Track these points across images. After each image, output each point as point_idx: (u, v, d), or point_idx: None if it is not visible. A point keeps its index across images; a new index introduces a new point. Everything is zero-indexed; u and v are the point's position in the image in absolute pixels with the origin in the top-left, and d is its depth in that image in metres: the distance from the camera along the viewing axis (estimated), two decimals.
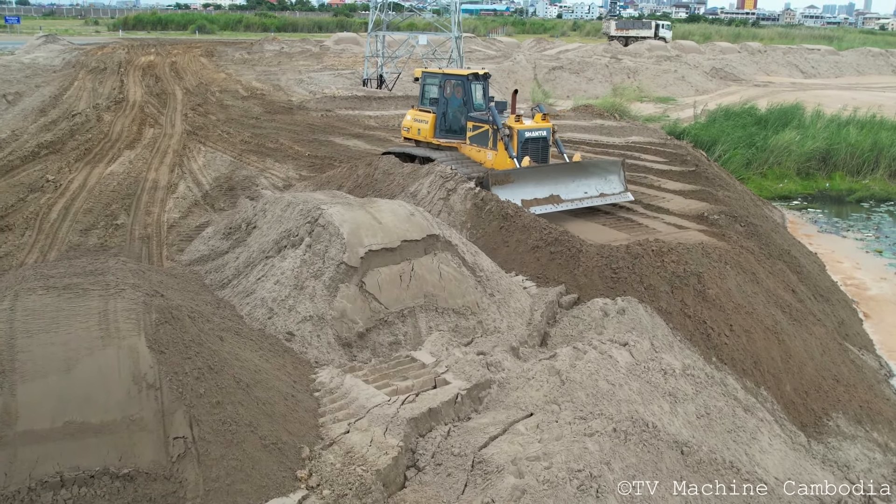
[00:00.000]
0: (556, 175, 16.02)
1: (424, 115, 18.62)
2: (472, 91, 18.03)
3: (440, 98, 18.39)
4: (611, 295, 11.38)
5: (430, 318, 9.73)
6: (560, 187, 15.84)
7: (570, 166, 16.51)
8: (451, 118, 18.24)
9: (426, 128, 18.42)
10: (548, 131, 17.16)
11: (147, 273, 9.79)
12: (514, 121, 16.75)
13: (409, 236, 10.18)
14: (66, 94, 32.65)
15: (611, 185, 16.69)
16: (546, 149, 17.12)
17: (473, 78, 18.18)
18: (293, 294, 9.53)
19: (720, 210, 16.34)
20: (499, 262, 12.31)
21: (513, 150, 16.34)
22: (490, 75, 19.13)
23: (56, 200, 16.35)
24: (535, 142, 16.82)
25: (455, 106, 18.24)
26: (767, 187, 27.74)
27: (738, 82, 54.89)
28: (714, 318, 11.45)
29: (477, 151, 17.44)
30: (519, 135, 16.48)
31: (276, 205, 12.10)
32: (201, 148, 22.05)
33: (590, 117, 30.01)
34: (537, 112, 17.79)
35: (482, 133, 17.28)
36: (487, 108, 17.39)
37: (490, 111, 16.95)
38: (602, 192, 16.46)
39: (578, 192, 16.11)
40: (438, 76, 18.75)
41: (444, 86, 18.33)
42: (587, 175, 16.45)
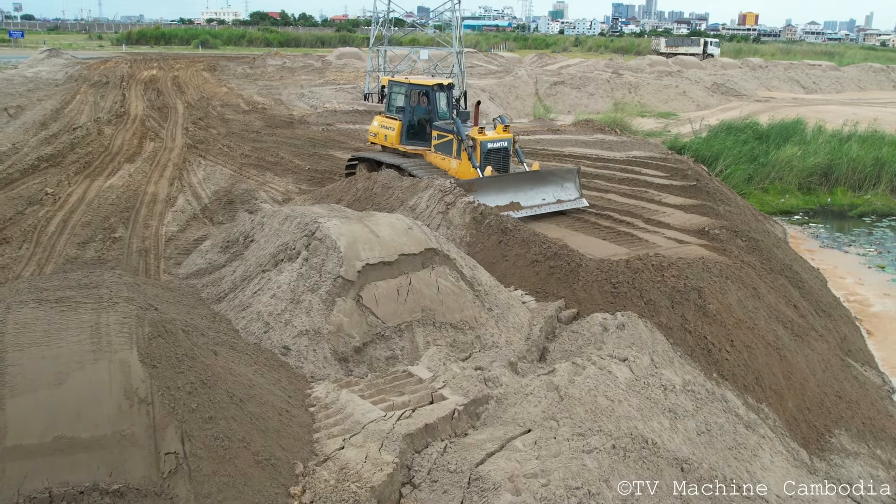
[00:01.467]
0: (516, 183, 16.75)
1: (391, 122, 19.33)
2: (436, 100, 18.80)
3: (406, 106, 19.07)
4: (610, 310, 11.28)
5: (428, 333, 9.64)
6: (520, 195, 16.53)
7: (528, 175, 17.28)
8: (417, 126, 18.97)
9: (393, 134, 19.15)
10: (509, 142, 18.05)
11: (142, 286, 9.71)
12: (478, 132, 17.53)
13: (406, 250, 10.11)
14: (67, 107, 32.68)
15: (567, 192, 17.40)
16: (507, 158, 17.97)
17: (438, 88, 18.93)
18: (289, 308, 9.45)
19: (721, 225, 16.25)
20: (498, 277, 12.22)
21: (476, 160, 17.13)
22: (454, 85, 19.84)
23: (54, 213, 16.30)
24: (496, 152, 17.62)
25: (420, 114, 18.98)
26: (769, 202, 27.68)
27: (740, 97, 54.94)
28: (715, 334, 11.34)
29: (441, 159, 18.21)
30: (482, 146, 17.27)
31: (273, 218, 12.04)
32: (201, 161, 22.02)
33: (590, 132, 30.00)
34: (499, 123, 18.47)
35: (447, 142, 18.05)
36: (451, 117, 18.19)
37: (455, 122, 17.70)
38: (559, 198, 17.16)
39: (537, 199, 16.82)
40: (404, 85, 19.36)
41: (409, 94, 19.01)
42: (545, 183, 17.17)
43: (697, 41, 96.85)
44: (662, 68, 64.07)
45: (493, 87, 46.57)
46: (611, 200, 18.01)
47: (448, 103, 19.16)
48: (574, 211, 16.90)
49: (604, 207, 17.28)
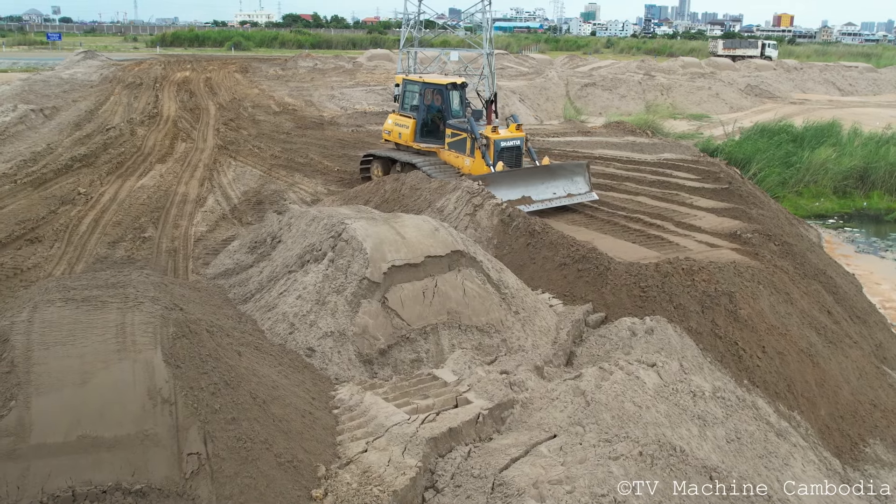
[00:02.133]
0: (527, 178, 17.26)
1: (405, 121, 19.73)
2: (450, 99, 19.17)
3: (420, 105, 19.42)
4: (639, 314, 11.12)
5: (453, 336, 9.56)
6: (531, 189, 17.01)
7: (539, 170, 17.82)
8: (431, 124, 19.34)
9: (407, 132, 19.52)
10: (521, 140, 18.45)
11: (169, 286, 9.74)
12: (491, 131, 17.97)
13: (432, 252, 10.04)
14: (101, 108, 33.07)
15: (577, 185, 17.82)
16: (519, 157, 18.39)
17: (452, 87, 19.32)
18: (315, 309, 9.43)
19: (754, 228, 16.00)
20: (525, 279, 12.11)
21: (489, 158, 17.60)
22: (467, 84, 20.29)
23: (86, 213, 16.46)
24: (509, 150, 18.11)
25: (434, 112, 19.38)
26: (803, 206, 27.26)
27: (774, 100, 54.18)
28: (746, 340, 11.14)
29: (455, 157, 18.63)
30: (495, 144, 17.72)
31: (301, 219, 12.04)
32: (231, 162, 22.15)
33: (621, 134, 29.75)
34: (511, 122, 18.90)
35: (460, 140, 18.44)
36: (465, 115, 18.69)
37: (468, 121, 18.15)
38: (569, 192, 17.58)
39: (548, 193, 17.23)
40: (419, 84, 19.73)
41: (424, 93, 19.38)
42: (555, 177, 17.61)
43: (755, 43, 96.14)
44: (695, 70, 63.42)
45: (523, 89, 46.38)
46: (641, 203, 17.82)
47: (461, 102, 19.45)
48: (604, 214, 16.74)
49: (634, 210, 17.09)
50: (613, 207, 17.41)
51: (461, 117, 18.95)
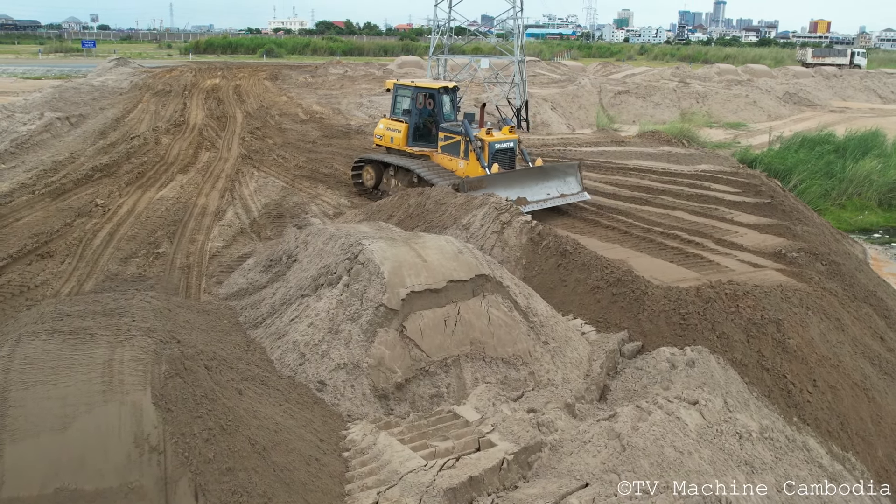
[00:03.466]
0: (522, 179, 17.59)
1: (397, 125, 19.73)
2: (442, 103, 19.36)
3: (412, 109, 19.49)
4: (679, 343, 10.29)
5: (477, 369, 8.82)
6: (526, 190, 17.33)
7: (533, 171, 18.11)
8: (423, 128, 19.47)
9: (399, 136, 19.56)
10: (514, 142, 18.68)
11: (173, 312, 9.12)
12: (486, 134, 18.19)
13: (455, 276, 9.31)
14: (128, 116, 32.83)
15: (569, 186, 18.19)
16: (513, 158, 18.61)
17: (444, 91, 19.52)
18: (327, 338, 8.74)
19: (799, 247, 15.07)
20: (555, 304, 11.34)
21: (484, 160, 17.79)
22: (458, 88, 20.38)
23: (102, 226, 15.98)
24: (504, 152, 18.29)
25: (426, 116, 19.51)
26: (846, 219, 26.18)
27: (813, 108, 52.82)
28: (795, 372, 10.27)
29: (449, 160, 18.71)
30: (490, 146, 17.90)
31: (318, 237, 11.40)
32: (254, 173, 21.61)
33: (657, 144, 28.82)
34: (504, 125, 19.27)
35: (454, 143, 18.57)
36: (457, 119, 18.98)
37: (463, 124, 18.32)
38: (562, 192, 17.96)
39: (542, 194, 17.59)
40: (410, 88, 19.86)
41: (416, 97, 19.51)
42: (548, 178, 17.96)
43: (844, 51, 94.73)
44: (731, 77, 62.12)
45: (555, 97, 45.57)
46: (679, 219, 16.94)
47: (453, 106, 19.67)
48: (640, 230, 15.89)
49: (671, 226, 16.22)
50: (649, 223, 16.56)
51: (453, 121, 19.19)
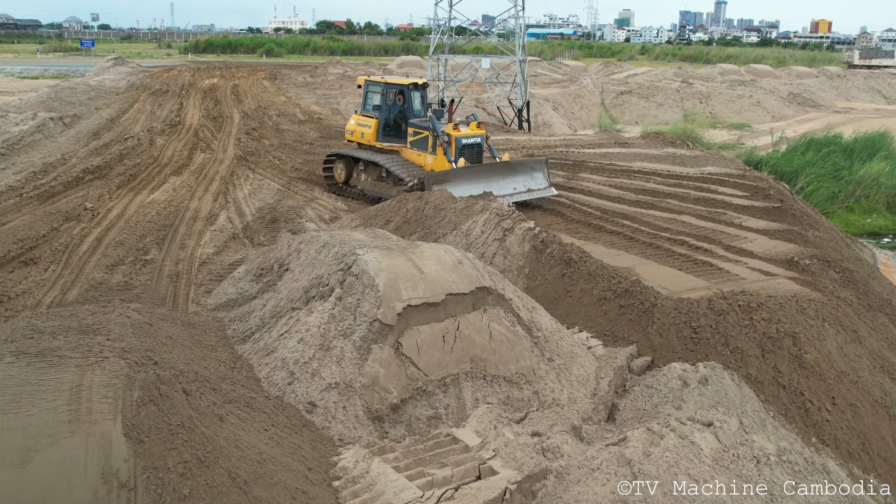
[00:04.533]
0: (488, 174, 17.85)
1: (367, 121, 20.11)
2: (412, 99, 19.63)
3: (382, 105, 19.90)
4: (691, 359, 9.76)
5: (477, 388, 8.29)
6: (492, 185, 17.32)
7: (500, 165, 18.40)
8: (393, 124, 19.78)
9: (369, 132, 19.93)
10: (482, 138, 18.98)
11: (155, 326, 8.58)
12: (452, 129, 18.41)
13: (455, 289, 8.78)
14: (123, 116, 32.27)
15: (536, 181, 18.50)
16: (480, 153, 18.94)
17: (413, 87, 19.86)
18: (318, 356, 8.21)
19: (811, 253, 14.53)
20: (560, 315, 10.80)
21: (451, 155, 18.07)
22: (428, 85, 20.85)
23: (90, 230, 15.44)
24: (470, 147, 18.58)
25: (396, 112, 19.78)
26: (854, 222, 25.66)
27: (817, 108, 52.29)
28: (813, 389, 9.74)
29: (417, 155, 19.07)
30: (457, 141, 18.19)
31: (311, 245, 10.87)
32: (249, 175, 21.07)
33: (661, 145, 28.27)
34: (472, 120, 19.53)
35: (422, 138, 18.92)
36: (426, 115, 19.29)
37: (430, 120, 18.68)
38: (529, 187, 18.25)
39: (508, 189, 17.76)
40: (381, 84, 20.29)
41: (386, 93, 19.88)
42: (515, 173, 18.28)
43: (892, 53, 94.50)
44: (734, 77, 61.56)
45: (556, 97, 45.06)
46: (686, 224, 16.39)
47: (422, 102, 20.02)
48: (646, 235, 15.34)
49: (678, 231, 15.67)
50: (656, 228, 16.01)
51: (423, 117, 19.54)
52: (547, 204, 17.70)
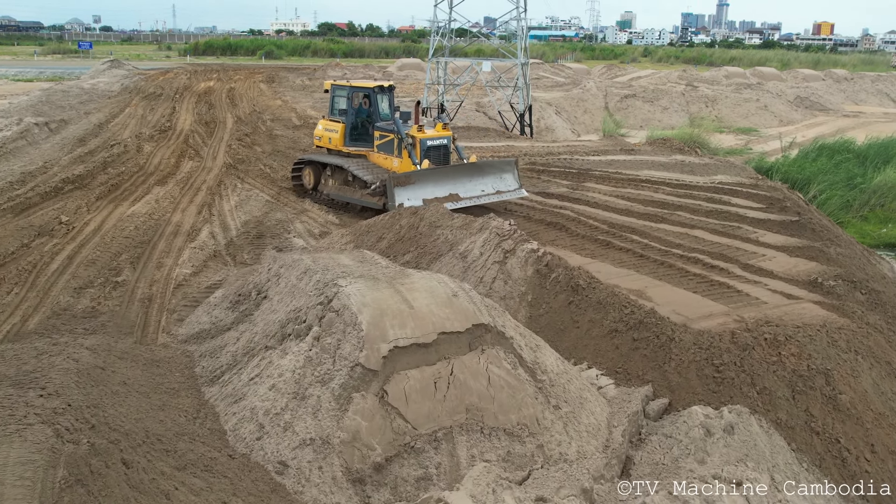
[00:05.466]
0: (454, 175, 17.37)
1: (334, 125, 19.57)
2: (377, 102, 19.11)
3: (348, 109, 19.40)
4: (713, 401, 8.74)
5: (473, 443, 7.26)
6: (458, 186, 17.12)
7: (467, 167, 17.88)
8: (360, 128, 19.25)
9: (336, 137, 19.38)
10: (448, 139, 18.34)
11: (108, 370, 7.56)
12: (417, 131, 17.88)
13: (448, 327, 7.76)
14: (113, 121, 31.24)
15: (506, 182, 18.09)
16: (447, 155, 18.31)
17: (379, 90, 19.30)
18: (291, 406, 7.19)
19: (835, 273, 13.50)
20: (566, 349, 9.78)
21: (416, 157, 17.56)
22: (394, 87, 20.17)
23: (63, 247, 14.43)
24: (436, 149, 17.97)
25: (363, 116, 19.26)
26: (870, 233, 24.57)
27: (825, 112, 51.15)
28: (849, 435, 8.71)
29: (384, 159, 18.52)
30: (421, 143, 17.65)
31: (291, 270, 9.86)
32: (238, 185, 20.03)
33: (668, 152, 27.23)
34: (439, 122, 19.11)
35: (388, 142, 18.40)
36: (393, 118, 18.56)
37: (395, 122, 18.17)
38: (498, 189, 17.81)
39: (476, 190, 17.44)
40: (346, 88, 19.84)
41: (351, 97, 19.39)
42: (483, 174, 17.83)
43: None
44: (740, 80, 60.47)
45: (559, 101, 43.98)
46: (699, 239, 15.36)
47: (390, 105, 19.36)
48: (656, 252, 14.30)
49: (692, 248, 14.62)
50: (667, 244, 14.97)
51: (389, 120, 18.92)
52: (551, 217, 16.66)
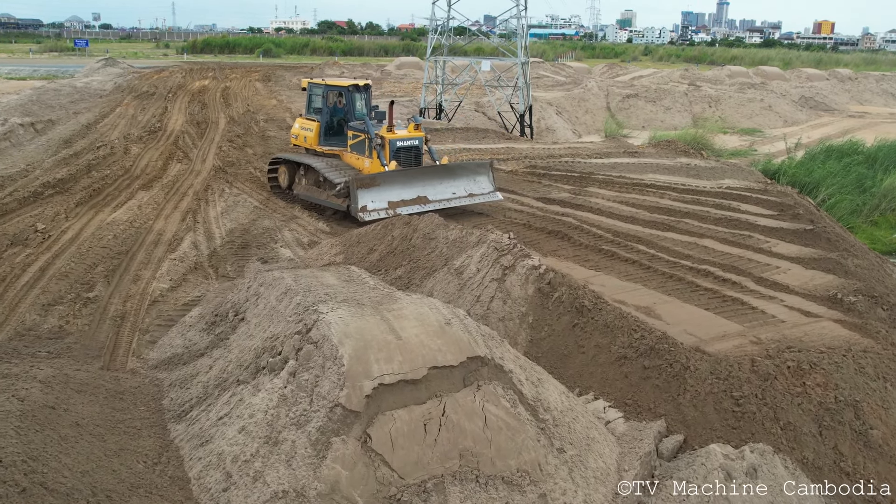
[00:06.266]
0: (423, 177, 16.91)
1: (310, 124, 19.22)
2: (353, 101, 18.71)
3: (323, 107, 19.03)
4: (733, 438, 7.93)
5: (468, 494, 6.44)
6: (428, 188, 16.75)
7: (437, 169, 17.36)
8: (336, 127, 18.92)
9: (311, 136, 19.04)
10: (420, 140, 17.86)
11: (59, 409, 6.76)
12: (387, 131, 17.42)
13: (441, 360, 6.95)
14: (102, 122, 30.44)
15: (479, 185, 17.63)
16: (419, 157, 17.84)
17: (354, 89, 18.82)
18: (263, 452, 6.38)
19: (855, 288, 12.69)
20: (571, 376, 8.97)
21: (384, 158, 17.06)
22: (370, 86, 19.66)
23: (37, 257, 13.62)
24: (406, 150, 17.52)
25: (338, 115, 18.93)
26: (881, 238, 23.79)
27: (830, 112, 50.39)
28: (883, 475, 7.90)
29: (356, 159, 18.07)
30: (391, 144, 17.21)
31: (272, 289, 9.05)
32: (226, 190, 19.21)
33: (673, 155, 26.43)
34: (411, 122, 18.53)
35: (360, 142, 17.91)
36: (365, 117, 18.16)
37: (365, 121, 17.74)
38: (471, 192, 17.39)
39: (447, 193, 17.02)
40: (322, 86, 19.39)
41: (326, 95, 18.99)
42: (455, 176, 17.35)
43: None
44: (743, 80, 59.65)
45: (560, 101, 43.18)
46: (709, 249, 14.56)
47: (366, 104, 18.97)
48: (664, 264, 13.51)
49: (702, 260, 13.82)
50: (675, 255, 14.17)
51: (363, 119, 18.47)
52: (553, 225, 15.84)
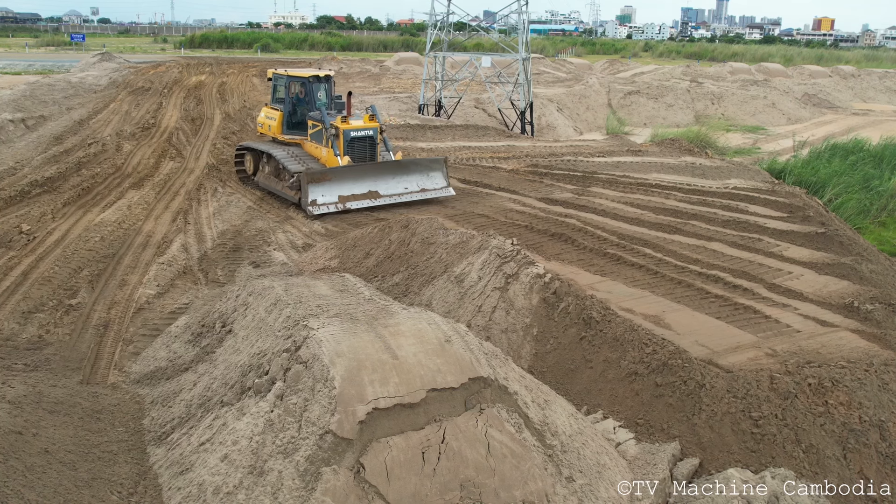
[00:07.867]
0: (375, 172, 17.35)
1: (274, 113, 19.74)
2: (313, 91, 19.22)
3: (286, 97, 19.48)
4: (752, 462, 7.43)
5: None
6: (380, 184, 17.20)
7: (390, 164, 17.77)
8: (299, 116, 19.34)
9: (274, 125, 19.53)
10: (374, 131, 18.18)
11: (28, 433, 6.24)
12: (341, 121, 17.72)
13: (440, 382, 6.43)
14: (95, 118, 29.86)
15: (433, 181, 18.02)
16: (373, 147, 18.14)
17: (315, 79, 19.39)
18: (247, 483, 5.87)
19: (871, 295, 12.17)
20: (578, 393, 8.47)
21: (338, 148, 17.40)
22: (332, 77, 20.16)
23: (20, 261, 13.10)
24: (360, 140, 17.83)
25: (301, 105, 19.36)
26: (889, 240, 23.25)
27: (834, 110, 49.84)
28: None
29: (315, 148, 18.46)
30: (344, 134, 17.51)
31: (261, 300, 8.53)
32: (219, 189, 18.69)
33: (677, 154, 25.89)
34: (367, 112, 18.75)
35: (319, 131, 18.28)
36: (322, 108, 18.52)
37: (321, 111, 18.11)
38: (423, 187, 17.77)
39: (399, 188, 17.49)
40: (284, 77, 19.83)
41: (289, 86, 19.44)
42: (408, 172, 17.79)
43: None
44: (746, 76, 59.08)
45: (561, 97, 42.62)
46: (718, 254, 14.04)
47: (328, 95, 19.39)
48: (672, 268, 13.00)
49: (710, 264, 13.30)
50: (683, 259, 13.66)
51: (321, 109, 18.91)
52: (556, 227, 15.31)
